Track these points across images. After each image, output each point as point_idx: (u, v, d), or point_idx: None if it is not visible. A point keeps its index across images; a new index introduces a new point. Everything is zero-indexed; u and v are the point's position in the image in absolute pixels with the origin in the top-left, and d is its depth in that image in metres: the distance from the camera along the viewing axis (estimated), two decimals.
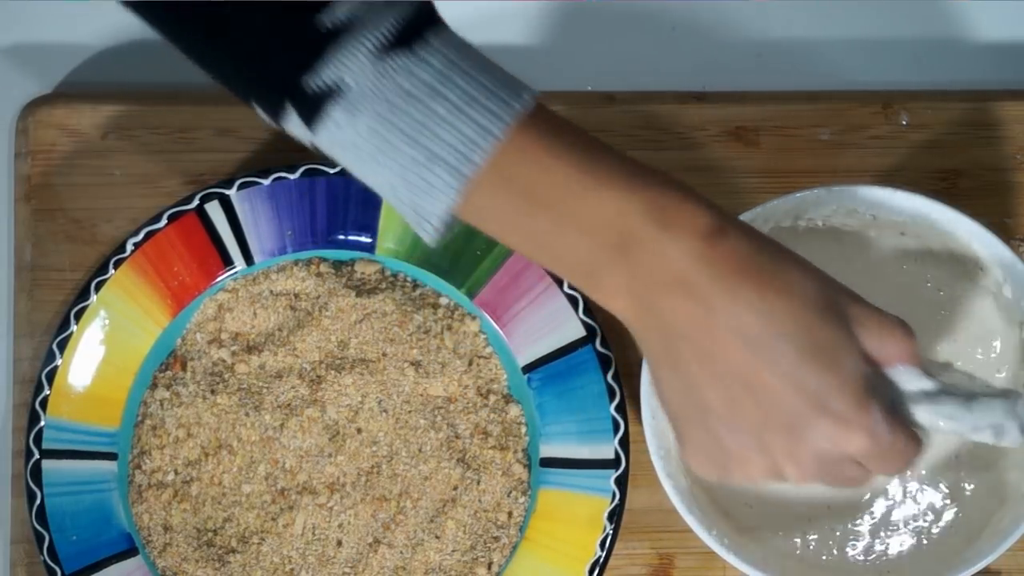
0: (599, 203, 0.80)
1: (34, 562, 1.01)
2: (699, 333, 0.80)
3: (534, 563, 1.00)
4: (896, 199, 0.96)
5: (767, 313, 0.80)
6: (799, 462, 0.82)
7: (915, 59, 1.07)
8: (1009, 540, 0.94)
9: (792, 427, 0.81)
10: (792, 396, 0.80)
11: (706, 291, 0.79)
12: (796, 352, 0.80)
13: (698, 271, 0.79)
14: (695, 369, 0.81)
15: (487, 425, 1.01)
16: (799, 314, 0.80)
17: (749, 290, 0.79)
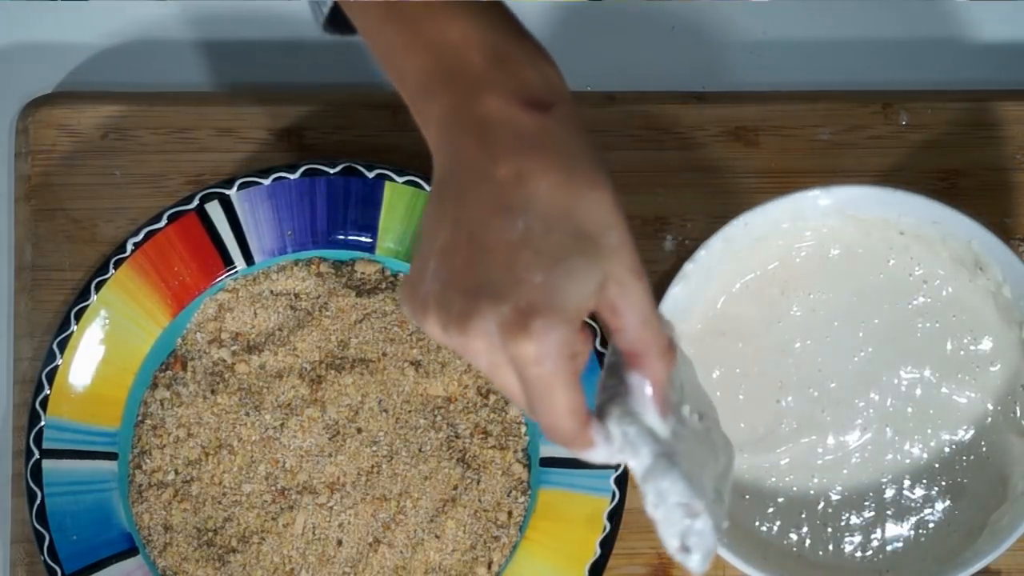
0: (448, 26, 0.78)
1: (34, 562, 1.01)
2: (471, 177, 0.77)
3: (534, 563, 1.00)
4: (896, 199, 0.96)
5: (540, 199, 0.77)
6: (465, 332, 0.77)
7: (915, 59, 1.07)
8: (1009, 540, 0.94)
9: (479, 296, 0.76)
10: (504, 272, 0.76)
11: (502, 150, 0.77)
12: (546, 241, 0.76)
13: (504, 130, 0.77)
14: (447, 206, 0.78)
15: (487, 425, 1.01)
16: (578, 214, 0.77)
17: (541, 170, 0.77)
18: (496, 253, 0.77)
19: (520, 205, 0.77)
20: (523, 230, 0.77)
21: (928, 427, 0.99)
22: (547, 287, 0.76)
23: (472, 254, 0.77)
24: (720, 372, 0.99)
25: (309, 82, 1.06)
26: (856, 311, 0.99)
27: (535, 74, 0.79)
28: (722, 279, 0.99)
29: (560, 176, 0.77)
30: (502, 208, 0.77)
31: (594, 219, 0.77)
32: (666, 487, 0.80)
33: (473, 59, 0.79)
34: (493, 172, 0.77)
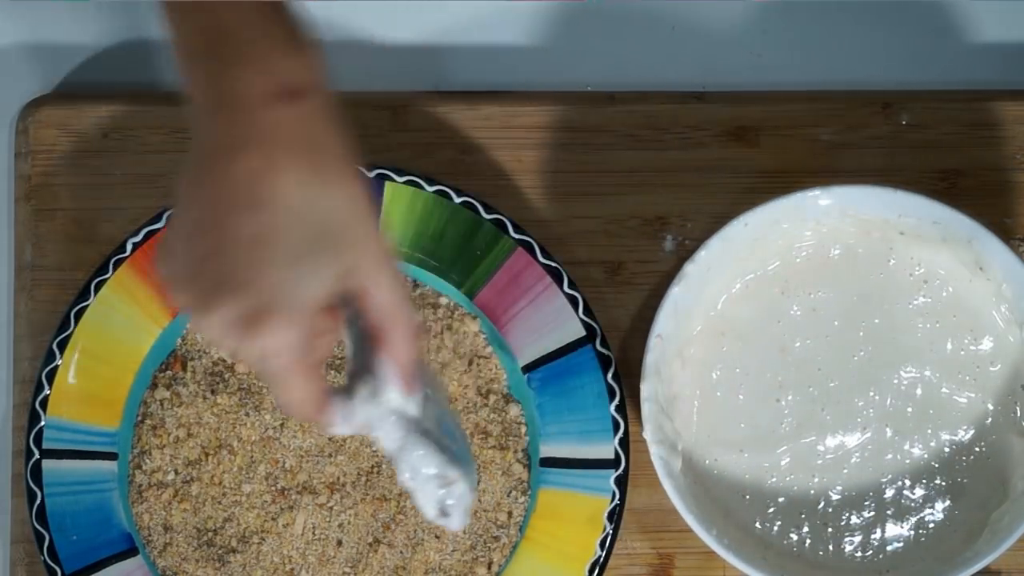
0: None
1: (34, 562, 1.01)
2: (223, 158, 0.78)
3: (534, 563, 1.00)
4: (896, 199, 0.96)
5: (284, 194, 0.78)
6: (207, 318, 0.79)
7: (915, 59, 1.07)
8: (1009, 540, 0.94)
9: (220, 287, 0.79)
10: (244, 267, 0.78)
11: (252, 138, 0.78)
12: (286, 238, 0.78)
13: (256, 116, 0.78)
14: (202, 179, 0.79)
15: (487, 425, 1.01)
16: (320, 210, 0.79)
17: (287, 164, 0.78)
18: (239, 246, 0.79)
19: (264, 200, 0.78)
20: (265, 226, 0.78)
21: (928, 427, 0.99)
22: (281, 286, 0.79)
23: (218, 242, 0.79)
24: (720, 372, 0.99)
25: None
26: (856, 311, 0.99)
27: (294, 62, 0.79)
28: (722, 279, 0.99)
29: (305, 171, 0.79)
30: (247, 201, 0.78)
31: (337, 215, 0.79)
32: (418, 461, 0.84)
33: (241, 35, 0.79)
34: (242, 159, 0.78)
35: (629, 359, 1.01)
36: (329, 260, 0.80)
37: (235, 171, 0.78)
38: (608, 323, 1.02)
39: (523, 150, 1.04)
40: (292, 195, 0.79)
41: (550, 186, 1.04)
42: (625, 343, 1.02)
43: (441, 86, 1.06)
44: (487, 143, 1.04)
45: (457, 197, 1.01)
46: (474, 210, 1.01)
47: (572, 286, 1.01)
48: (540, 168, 1.04)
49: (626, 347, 1.02)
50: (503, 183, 1.04)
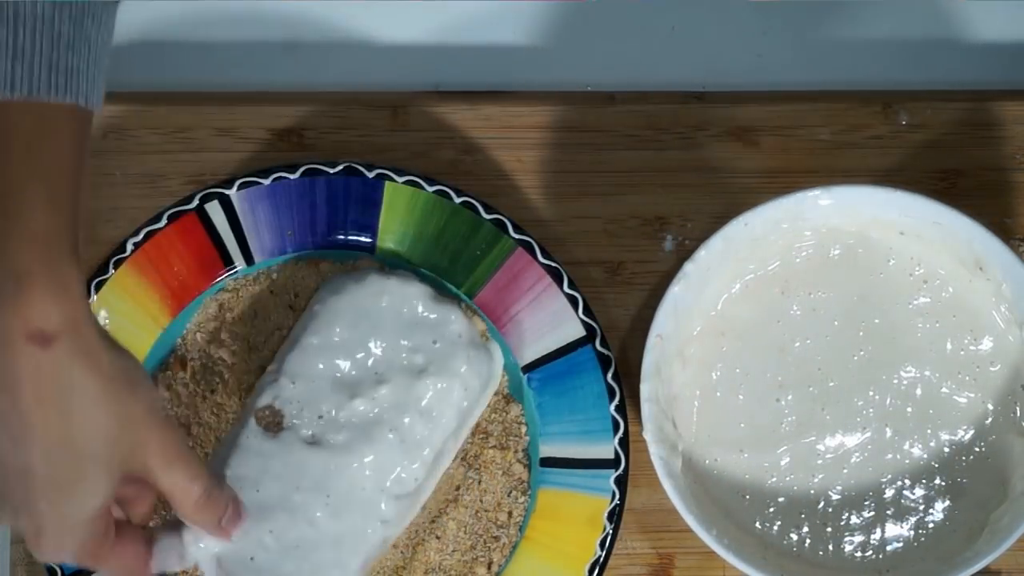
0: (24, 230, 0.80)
1: (34, 562, 1.01)
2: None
3: (534, 563, 1.00)
4: (896, 199, 0.96)
5: (39, 432, 0.81)
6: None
7: (915, 59, 1.07)
8: (1009, 540, 0.94)
9: (2, 506, 0.84)
10: (17, 493, 0.83)
11: (3, 382, 0.81)
12: (48, 469, 0.82)
13: (6, 360, 0.80)
14: None
15: (487, 425, 1.01)
16: (77, 439, 0.82)
17: (36, 405, 0.81)
18: (11, 473, 0.83)
19: (22, 436, 0.82)
20: (27, 460, 0.82)
21: (928, 427, 0.99)
22: (50, 514, 0.84)
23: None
24: (720, 372, 0.99)
25: (309, 82, 1.06)
26: (856, 311, 0.99)
27: (54, 302, 0.81)
28: (722, 279, 0.99)
29: (53, 410, 0.81)
30: (9, 437, 0.82)
31: (95, 439, 0.83)
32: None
33: (6, 266, 0.80)
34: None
35: (629, 359, 1.01)
36: (89, 486, 0.84)
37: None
38: (608, 323, 1.02)
39: (523, 150, 1.04)
40: (44, 434, 0.82)
41: (550, 186, 1.04)
42: (625, 343, 1.02)
43: (441, 86, 1.06)
44: (487, 143, 1.04)
45: (457, 197, 1.01)
46: (474, 210, 1.01)
47: (572, 286, 1.01)
48: (540, 168, 1.04)
49: (626, 347, 1.02)
50: (503, 183, 1.04)
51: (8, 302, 0.80)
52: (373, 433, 0.96)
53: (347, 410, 0.97)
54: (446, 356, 0.98)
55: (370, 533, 0.96)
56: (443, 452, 0.98)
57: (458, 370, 0.97)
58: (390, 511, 0.96)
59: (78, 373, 0.82)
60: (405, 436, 0.96)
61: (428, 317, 0.98)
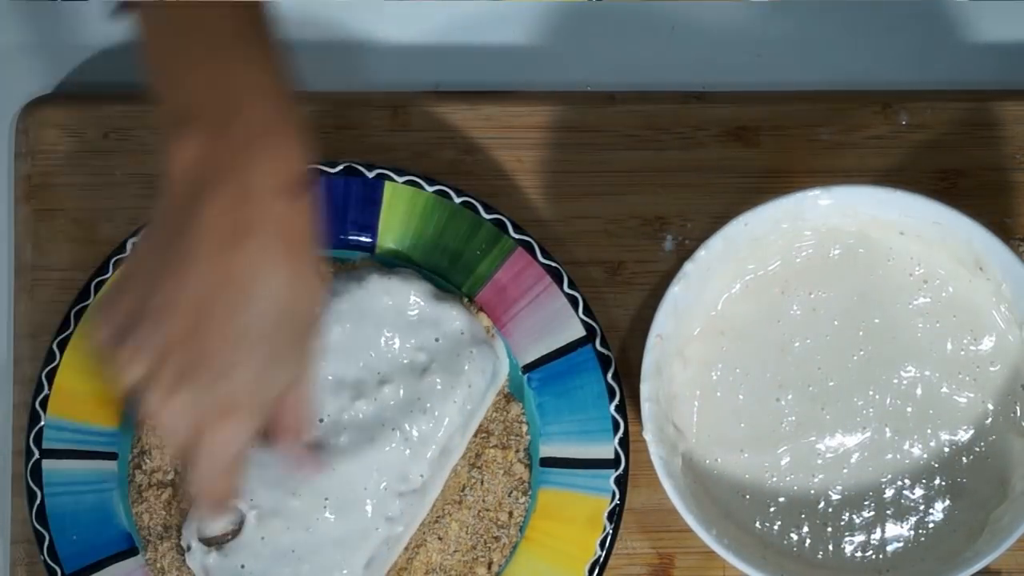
0: (242, 69, 0.80)
1: (34, 562, 1.01)
2: (210, 245, 0.79)
3: (534, 563, 1.00)
4: (896, 199, 0.96)
5: (267, 297, 0.80)
6: (164, 403, 0.81)
7: (915, 59, 1.07)
8: (1009, 540, 0.94)
9: (188, 375, 0.81)
10: (217, 360, 0.80)
11: (246, 232, 0.79)
12: (262, 341, 0.80)
13: (254, 211, 0.79)
14: (176, 258, 0.80)
15: (488, 424, 1.01)
16: (296, 319, 0.81)
17: (276, 265, 0.80)
18: (215, 339, 0.80)
19: (249, 299, 0.80)
20: (247, 325, 0.80)
21: (928, 427, 0.99)
22: (254, 386, 0.81)
23: (192, 329, 0.80)
24: (720, 371, 0.99)
25: (309, 82, 1.06)
26: (856, 311, 0.99)
27: (297, 157, 0.81)
28: (722, 279, 0.99)
29: (290, 273, 0.80)
30: (232, 296, 0.80)
31: (308, 316, 0.82)
32: None
33: (250, 117, 0.80)
34: (234, 251, 0.79)
35: (629, 359, 1.01)
36: (290, 372, 0.83)
37: (237, 262, 0.79)
38: (608, 323, 1.02)
39: (523, 150, 1.04)
40: (285, 295, 0.80)
41: (550, 186, 1.04)
42: (625, 343, 1.02)
43: (441, 86, 1.06)
44: (487, 143, 1.04)
45: (457, 197, 1.01)
46: (474, 210, 1.01)
47: (572, 286, 1.01)
48: (540, 168, 1.04)
49: (626, 347, 1.02)
50: (503, 183, 1.04)
51: (261, 156, 0.79)
52: (376, 433, 0.96)
53: (349, 412, 0.97)
54: (449, 353, 0.98)
55: (376, 531, 0.96)
56: (449, 449, 0.98)
57: (462, 367, 0.97)
58: (395, 508, 0.96)
59: (309, 233, 0.81)
60: (409, 434, 0.97)
61: (430, 315, 0.98)
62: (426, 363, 0.98)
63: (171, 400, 0.81)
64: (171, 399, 0.81)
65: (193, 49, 0.81)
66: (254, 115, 0.80)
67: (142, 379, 0.82)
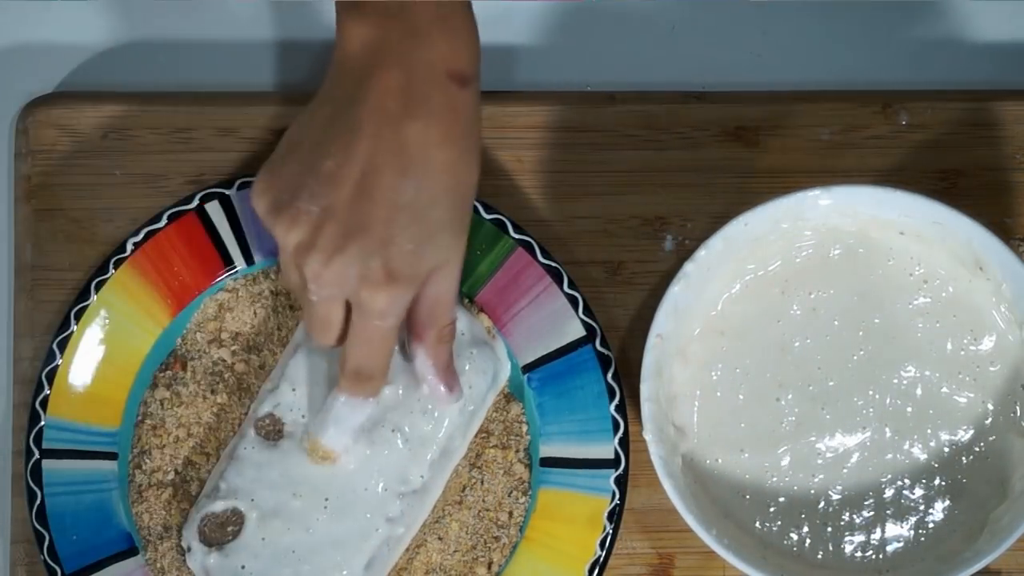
0: None
1: (34, 562, 1.01)
2: (381, 116, 0.82)
3: (534, 563, 1.00)
4: (896, 199, 0.96)
5: (434, 170, 0.83)
6: (326, 264, 0.83)
7: (915, 59, 1.07)
8: (1009, 540, 0.94)
9: (351, 238, 0.83)
10: (382, 227, 0.83)
11: (418, 107, 0.82)
12: (426, 212, 0.83)
13: (426, 89, 0.82)
14: (346, 126, 0.82)
15: (488, 424, 1.01)
16: (457, 194, 0.84)
17: (444, 142, 0.83)
18: (380, 206, 0.83)
19: (416, 171, 0.82)
20: (411, 196, 0.83)
21: (928, 427, 0.99)
22: (414, 257, 0.84)
23: (358, 195, 0.82)
24: (720, 371, 0.99)
25: (309, 82, 1.06)
26: (856, 310, 0.99)
27: (467, 47, 0.83)
28: (722, 279, 0.99)
29: (456, 153, 0.83)
30: (400, 166, 0.82)
31: (467, 198, 0.85)
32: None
33: (425, 4, 0.82)
34: (404, 125, 0.82)
35: (629, 359, 1.01)
36: (449, 246, 0.86)
37: (406, 135, 0.82)
38: (608, 323, 1.02)
39: (523, 150, 1.04)
40: (439, 173, 0.83)
41: (550, 186, 1.04)
42: (625, 343, 1.02)
43: None
44: (487, 143, 1.04)
45: None
46: (474, 210, 1.01)
47: (572, 286, 1.01)
48: (540, 168, 1.04)
49: (626, 347, 1.02)
50: (503, 183, 1.04)
51: (434, 41, 0.82)
52: (375, 434, 0.96)
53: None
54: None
55: (376, 532, 0.96)
56: (450, 450, 0.98)
57: (462, 368, 0.97)
58: (395, 509, 0.96)
59: (477, 119, 0.84)
60: (409, 436, 0.97)
61: None
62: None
63: (333, 262, 0.83)
64: (333, 261, 0.83)
65: None
66: (428, 4, 0.83)
67: (303, 243, 0.84)
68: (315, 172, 0.83)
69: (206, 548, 0.96)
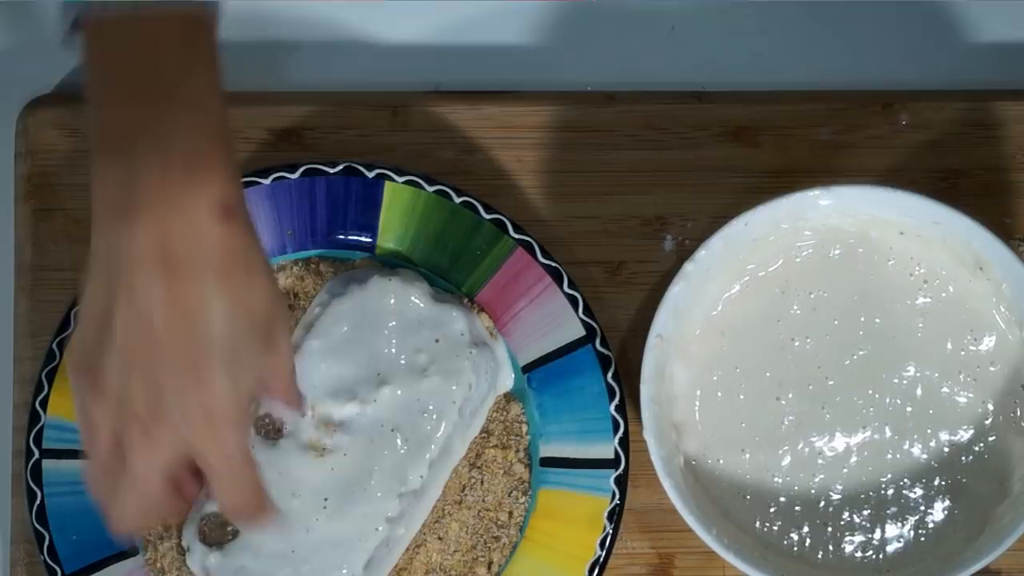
0: (171, 108, 0.81)
1: (34, 562, 1.01)
2: (152, 276, 0.80)
3: (534, 563, 1.00)
4: (896, 199, 0.96)
5: (218, 305, 0.81)
6: (152, 426, 0.82)
7: (915, 59, 1.07)
8: (1009, 540, 0.94)
9: (163, 397, 0.81)
10: (187, 374, 0.81)
11: (187, 263, 0.80)
12: (224, 343, 0.81)
13: (192, 242, 0.80)
14: (122, 290, 0.81)
15: (488, 424, 1.01)
16: (252, 313, 0.82)
17: (223, 278, 0.81)
18: (178, 353, 0.81)
19: (198, 326, 0.81)
20: (208, 333, 0.81)
21: (928, 427, 0.99)
22: (230, 391, 0.82)
23: (155, 348, 0.81)
24: (720, 371, 0.99)
25: (309, 82, 1.06)
26: (856, 310, 0.99)
27: (227, 184, 0.82)
28: (722, 279, 0.99)
29: (234, 294, 0.81)
30: (182, 328, 0.80)
31: (264, 308, 0.83)
32: None
33: (182, 145, 0.81)
34: (173, 285, 0.80)
35: (629, 359, 1.01)
36: (268, 351, 0.84)
37: (175, 292, 0.80)
38: (608, 323, 1.02)
39: (523, 150, 1.04)
40: (233, 313, 0.81)
41: (550, 186, 1.04)
42: (625, 343, 1.02)
43: (441, 86, 1.06)
44: (487, 143, 1.04)
45: (457, 197, 1.01)
46: (474, 210, 1.01)
47: (572, 286, 1.01)
48: (540, 168, 1.04)
49: (626, 347, 1.02)
50: (503, 183, 1.04)
51: (192, 179, 0.81)
52: (375, 434, 0.96)
53: (349, 413, 0.97)
54: (449, 354, 0.98)
55: (376, 532, 0.96)
56: (449, 450, 0.98)
57: (461, 367, 0.97)
58: (395, 509, 0.96)
59: (252, 245, 0.83)
60: (408, 435, 0.97)
61: (430, 316, 0.98)
62: (426, 364, 0.98)
63: (153, 426, 0.82)
64: (153, 423, 0.82)
65: (132, 79, 0.82)
66: (186, 144, 0.81)
67: (120, 429, 0.83)
68: (108, 335, 0.82)
69: (206, 548, 0.96)
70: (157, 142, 0.81)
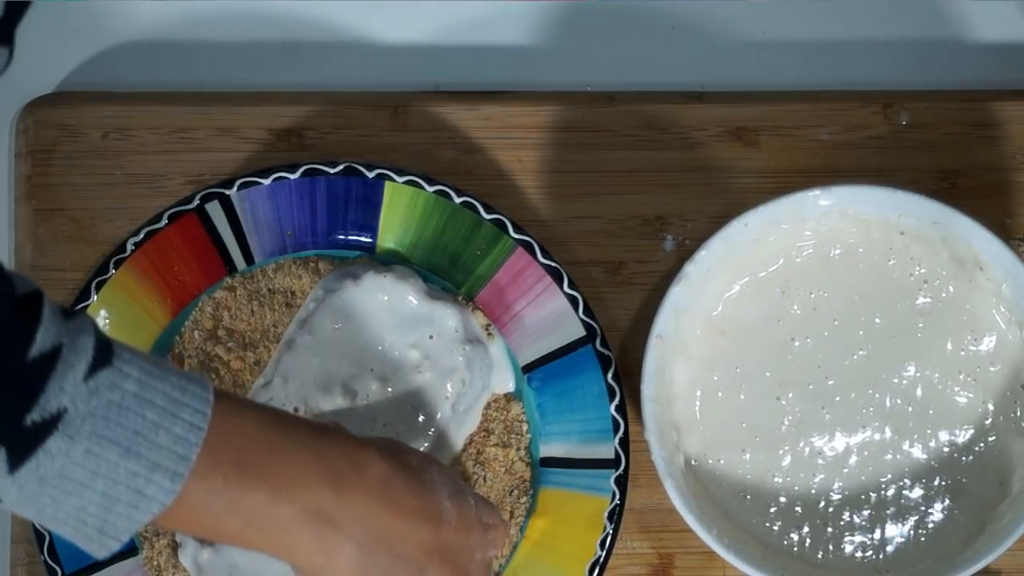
0: (296, 466, 0.84)
1: (34, 562, 1.01)
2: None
3: (534, 563, 1.00)
4: (896, 199, 0.96)
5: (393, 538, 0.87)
6: None
7: (915, 59, 1.07)
8: (1009, 540, 0.94)
9: None
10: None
11: (344, 528, 0.85)
12: None
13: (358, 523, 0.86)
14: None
15: (489, 423, 1.01)
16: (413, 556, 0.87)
17: (387, 516, 0.86)
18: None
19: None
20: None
21: (928, 427, 0.99)
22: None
23: None
24: (721, 371, 0.99)
25: (309, 82, 1.06)
26: (856, 310, 0.99)
27: (365, 466, 0.87)
28: (722, 279, 0.99)
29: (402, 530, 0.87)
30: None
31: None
32: None
33: (323, 494, 0.85)
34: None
35: (629, 359, 1.01)
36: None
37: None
38: (608, 323, 1.02)
39: (523, 150, 1.04)
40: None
41: (550, 186, 1.04)
42: (625, 343, 1.02)
43: (441, 86, 1.06)
44: (487, 143, 1.04)
45: (457, 197, 1.01)
46: (474, 210, 1.01)
47: (572, 286, 1.01)
48: (540, 168, 1.04)
49: (626, 347, 1.02)
50: (503, 183, 1.04)
51: (349, 477, 0.86)
52: (367, 429, 0.96)
53: (341, 408, 0.97)
54: (442, 351, 0.98)
55: None
56: (442, 445, 0.98)
57: (455, 364, 0.97)
58: None
59: (413, 481, 0.89)
60: (400, 430, 0.97)
61: (424, 312, 0.98)
62: (418, 360, 0.98)
63: None
64: None
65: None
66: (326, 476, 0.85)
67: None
68: None
69: (198, 544, 0.96)
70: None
